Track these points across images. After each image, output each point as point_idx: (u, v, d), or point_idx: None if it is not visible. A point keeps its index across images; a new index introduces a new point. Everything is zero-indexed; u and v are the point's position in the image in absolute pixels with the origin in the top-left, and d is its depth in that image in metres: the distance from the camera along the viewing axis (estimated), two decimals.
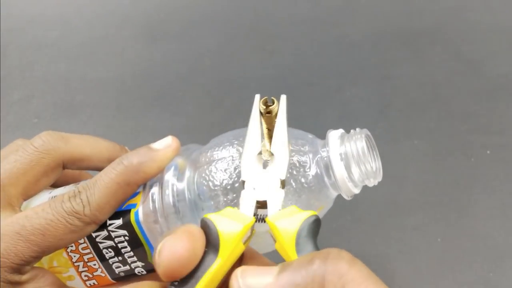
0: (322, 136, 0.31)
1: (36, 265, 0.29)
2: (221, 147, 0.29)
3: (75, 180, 0.33)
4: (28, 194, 0.28)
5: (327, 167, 0.27)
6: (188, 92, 0.55)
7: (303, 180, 0.27)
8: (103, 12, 0.65)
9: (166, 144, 0.29)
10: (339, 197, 0.46)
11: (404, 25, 0.61)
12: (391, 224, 0.43)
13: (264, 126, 0.27)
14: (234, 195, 0.27)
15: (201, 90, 0.55)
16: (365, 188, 0.46)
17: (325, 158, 0.27)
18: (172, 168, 0.29)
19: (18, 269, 0.26)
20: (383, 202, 0.45)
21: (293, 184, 0.27)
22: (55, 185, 0.31)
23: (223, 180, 0.27)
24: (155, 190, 0.28)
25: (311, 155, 0.28)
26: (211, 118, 0.52)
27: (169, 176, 0.28)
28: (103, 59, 0.59)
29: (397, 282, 0.40)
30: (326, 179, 0.28)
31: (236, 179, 0.27)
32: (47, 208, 0.26)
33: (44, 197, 0.30)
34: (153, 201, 0.28)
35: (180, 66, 0.58)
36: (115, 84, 0.56)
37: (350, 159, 0.27)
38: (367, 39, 0.59)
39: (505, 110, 0.51)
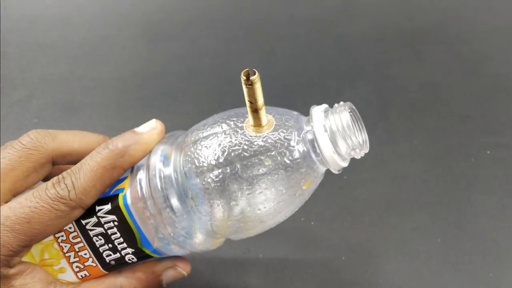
0: None
1: (27, 259, 0.29)
2: (206, 126, 0.29)
3: None
4: (17, 190, 0.28)
5: (313, 142, 0.27)
6: (188, 92, 0.55)
7: (288, 154, 0.27)
8: (103, 12, 0.65)
9: (150, 127, 0.29)
10: (339, 198, 0.46)
11: (404, 25, 0.61)
12: (391, 224, 0.43)
13: (246, 99, 0.27)
14: (220, 170, 0.27)
15: (201, 90, 0.55)
16: (365, 188, 0.46)
17: (310, 133, 0.27)
18: (159, 152, 0.29)
19: (7, 260, 0.26)
20: (383, 202, 0.45)
21: (279, 158, 0.27)
22: (47, 180, 0.32)
23: (207, 156, 0.27)
24: (142, 173, 0.28)
25: (296, 131, 0.27)
26: None
27: (156, 159, 0.28)
28: (103, 59, 0.59)
29: (397, 282, 0.40)
30: (312, 153, 0.27)
31: (220, 154, 0.27)
32: (30, 197, 0.26)
33: None
34: (140, 184, 0.28)
35: (180, 66, 0.58)
36: (115, 84, 0.56)
37: (335, 131, 0.27)
38: (367, 39, 0.59)
39: (505, 110, 0.51)
